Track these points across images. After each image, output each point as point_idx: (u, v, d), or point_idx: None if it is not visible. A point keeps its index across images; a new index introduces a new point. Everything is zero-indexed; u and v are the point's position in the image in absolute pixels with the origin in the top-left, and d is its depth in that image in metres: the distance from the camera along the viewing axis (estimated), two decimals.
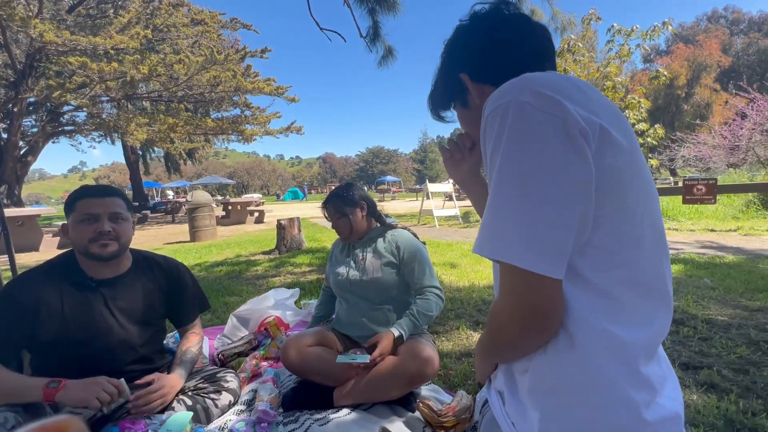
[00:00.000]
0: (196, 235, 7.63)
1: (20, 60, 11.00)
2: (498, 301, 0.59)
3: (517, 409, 0.61)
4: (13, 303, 1.18)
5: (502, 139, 0.55)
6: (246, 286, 3.52)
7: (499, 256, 0.53)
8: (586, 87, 0.60)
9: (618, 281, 0.55)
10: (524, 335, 0.56)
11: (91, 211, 1.24)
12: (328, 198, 1.71)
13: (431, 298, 1.58)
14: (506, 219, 0.53)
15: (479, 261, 4.17)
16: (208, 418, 1.41)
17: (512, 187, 0.53)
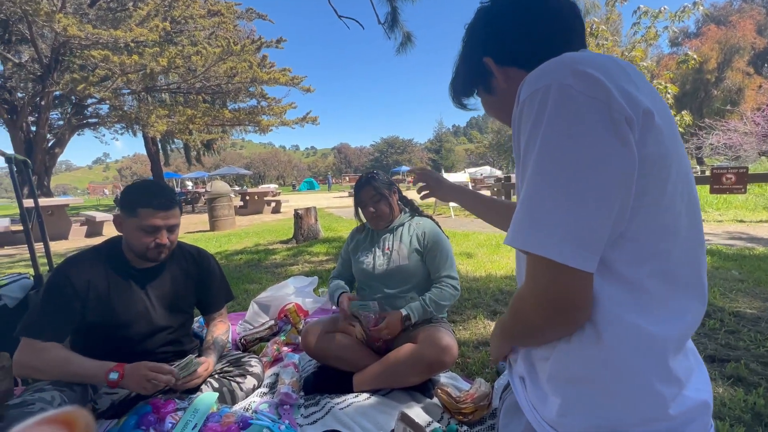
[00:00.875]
0: (216, 225, 7.80)
1: (46, 54, 11.34)
2: (524, 289, 0.57)
3: (537, 395, 0.61)
4: (68, 284, 1.24)
5: (541, 126, 0.52)
6: (265, 274, 3.60)
7: (534, 248, 0.51)
8: (629, 68, 0.57)
9: (650, 274, 0.53)
10: (549, 326, 0.55)
11: (153, 223, 1.28)
12: (366, 180, 1.70)
13: (446, 288, 1.59)
14: (542, 210, 0.51)
15: (496, 251, 4.14)
16: (233, 400, 1.46)
17: (551, 176, 0.51)
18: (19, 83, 12.76)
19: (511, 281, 2.96)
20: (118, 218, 1.35)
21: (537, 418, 0.60)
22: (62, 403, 1.08)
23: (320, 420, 1.38)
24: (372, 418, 1.36)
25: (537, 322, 0.56)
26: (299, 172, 77.48)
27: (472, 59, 0.74)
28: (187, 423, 1.20)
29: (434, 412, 1.39)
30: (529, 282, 0.55)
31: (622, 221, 0.52)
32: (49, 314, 1.21)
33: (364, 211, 1.70)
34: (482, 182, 19.40)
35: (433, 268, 1.64)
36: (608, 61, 0.55)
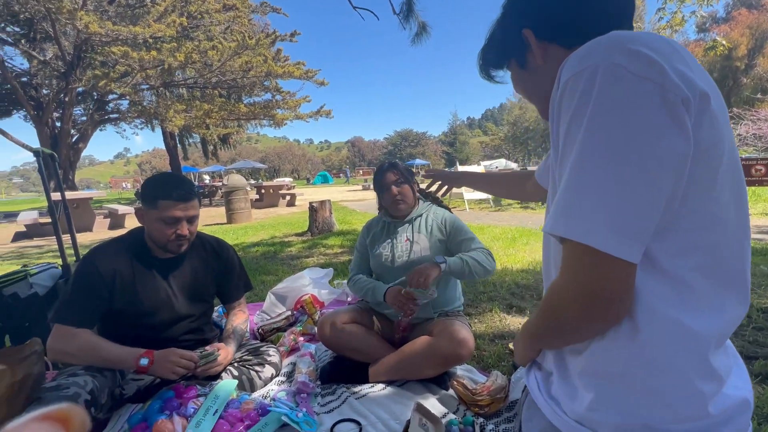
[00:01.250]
0: (233, 218, 7.94)
1: (69, 51, 11.65)
2: (559, 282, 0.53)
3: (566, 390, 0.59)
4: (96, 272, 1.28)
5: (587, 107, 0.48)
6: (281, 266, 3.65)
7: (575, 235, 0.48)
8: (682, 49, 0.53)
9: (694, 267, 0.51)
10: (586, 320, 0.52)
11: (173, 215, 1.32)
12: (390, 164, 1.70)
13: (481, 252, 1.57)
14: (586, 196, 0.48)
15: (512, 244, 4.09)
16: (252, 388, 1.50)
17: (597, 161, 0.47)
18: (44, 80, 13.18)
19: (528, 275, 2.92)
20: (139, 210, 1.38)
21: (558, 413, 0.58)
22: (94, 388, 1.12)
23: (336, 409, 1.41)
24: (387, 408, 1.38)
25: (572, 316, 0.52)
26: (313, 166, 77.99)
27: (509, 28, 0.69)
28: (209, 408, 1.24)
29: (450, 404, 1.39)
30: (566, 273, 0.52)
31: (670, 210, 0.49)
32: (79, 301, 1.26)
33: (386, 195, 1.67)
34: None
35: (463, 247, 1.62)
36: (660, 41, 0.51)
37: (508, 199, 9.61)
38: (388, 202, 1.69)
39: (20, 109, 13.84)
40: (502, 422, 1.27)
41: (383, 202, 1.72)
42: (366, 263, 1.80)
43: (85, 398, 1.09)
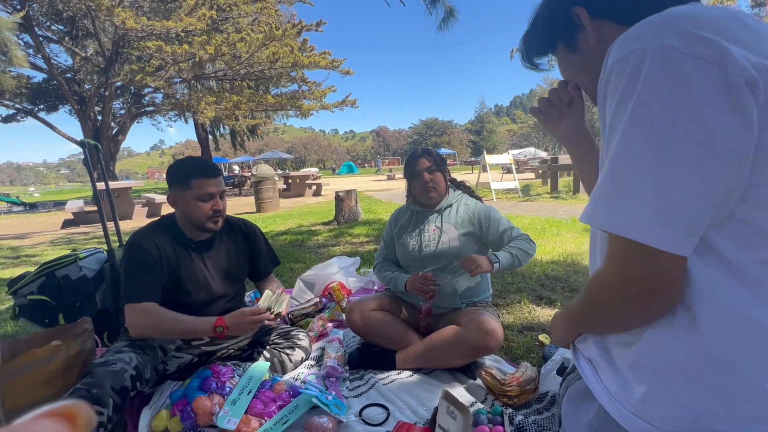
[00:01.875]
0: (261, 207, 8.15)
1: (108, 47, 12.16)
2: (603, 272, 0.52)
3: (615, 380, 0.56)
4: (145, 253, 1.35)
5: (633, 91, 0.45)
6: (309, 254, 3.73)
7: (618, 228, 0.46)
8: (753, 21, 0.48)
9: (759, 260, 0.47)
10: (629, 312, 0.50)
11: (208, 191, 1.38)
12: (423, 151, 1.68)
13: (524, 240, 1.56)
14: (630, 185, 0.45)
15: (541, 235, 3.98)
16: (283, 370, 1.55)
17: (641, 151, 0.44)
18: (86, 75, 13.86)
19: (558, 266, 2.84)
20: (171, 196, 1.43)
21: (613, 402, 0.56)
22: (138, 364, 1.19)
23: (365, 393, 1.43)
24: (415, 395, 1.39)
25: (617, 308, 0.51)
26: (338, 156, 78.52)
27: (557, 9, 0.65)
28: (243, 388, 1.29)
29: (478, 393, 1.38)
30: (611, 264, 0.50)
31: (730, 201, 0.45)
32: (141, 281, 1.33)
33: (417, 182, 1.65)
34: (526, 164, 18.61)
35: (502, 238, 1.59)
36: (725, 16, 0.47)
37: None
38: (418, 190, 1.66)
39: (65, 104, 14.65)
40: (531, 413, 1.25)
41: (413, 190, 1.70)
42: (392, 252, 1.80)
43: (131, 373, 1.16)
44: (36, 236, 6.74)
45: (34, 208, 14.36)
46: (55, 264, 1.83)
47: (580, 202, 6.84)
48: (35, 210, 13.52)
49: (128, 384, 1.13)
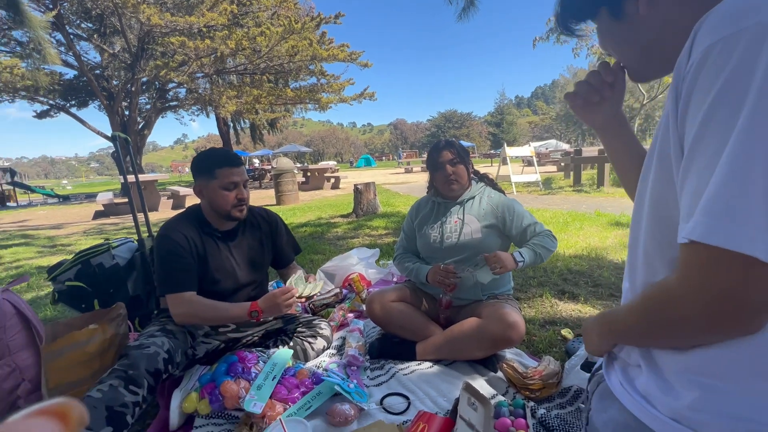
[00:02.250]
0: (281, 199, 8.28)
1: (134, 44, 12.52)
2: (678, 285, 0.45)
3: (657, 384, 0.53)
4: (176, 243, 1.40)
5: (749, 84, 0.38)
6: (328, 246, 3.77)
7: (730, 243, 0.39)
8: None
9: None
10: (713, 330, 0.44)
11: (233, 180, 1.41)
12: (446, 142, 1.66)
13: (547, 236, 1.55)
14: (753, 197, 0.38)
15: (564, 229, 3.89)
16: (305, 358, 1.59)
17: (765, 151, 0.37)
18: (113, 72, 14.34)
19: (581, 261, 2.78)
20: (197, 187, 1.47)
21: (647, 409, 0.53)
22: (170, 347, 1.24)
23: (385, 383, 1.45)
24: (435, 386, 1.40)
25: (696, 326, 0.45)
26: (356, 149, 78.69)
27: None
28: (268, 374, 1.33)
29: (499, 386, 1.38)
30: (694, 277, 0.43)
31: None
32: (177, 271, 1.38)
33: (439, 174, 1.63)
34: (547, 157, 18.15)
35: (526, 234, 1.58)
36: None
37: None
38: (440, 182, 1.65)
39: (95, 100, 15.21)
40: (554, 407, 1.24)
41: (435, 182, 1.68)
42: (412, 244, 1.79)
43: (163, 356, 1.21)
44: (70, 226, 7.07)
45: (68, 200, 15.04)
46: (90, 252, 1.91)
47: (603, 195, 6.64)
48: (68, 202, 14.16)
49: (161, 367, 1.18)
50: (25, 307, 1.58)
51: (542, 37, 9.85)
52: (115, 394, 1.05)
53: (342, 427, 1.19)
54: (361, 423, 1.22)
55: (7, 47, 12.16)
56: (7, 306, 1.50)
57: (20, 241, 5.76)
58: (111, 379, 1.08)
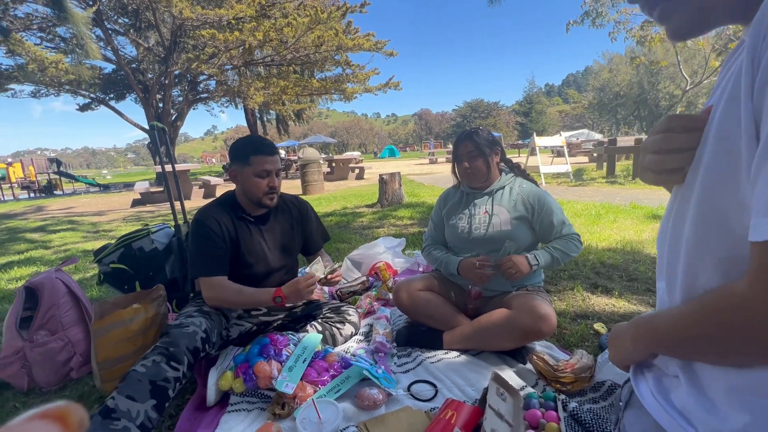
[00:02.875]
0: (307, 189, 8.41)
1: (167, 38, 12.92)
2: (751, 288, 0.39)
3: (699, 401, 0.49)
4: (209, 229, 1.45)
5: None
6: (354, 235, 3.81)
7: None
8: None
9: None
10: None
11: (265, 168, 1.45)
12: (466, 134, 1.61)
13: (571, 240, 1.52)
14: None
15: (596, 221, 3.75)
16: (334, 343, 1.62)
17: None
18: (148, 65, 14.88)
19: (615, 254, 2.67)
20: (233, 171, 1.51)
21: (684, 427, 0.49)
22: (207, 327, 1.30)
23: (412, 370, 1.46)
24: (463, 375, 1.39)
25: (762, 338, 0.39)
26: (380, 140, 78.51)
27: None
28: (299, 357, 1.37)
29: (528, 378, 1.36)
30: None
31: None
32: (209, 256, 1.43)
33: (458, 167, 1.63)
34: (578, 147, 17.45)
35: (552, 231, 1.55)
36: None
37: (594, 174, 8.76)
38: (460, 174, 1.65)
39: (131, 93, 15.88)
40: (586, 402, 1.21)
41: (457, 173, 1.68)
42: (440, 234, 1.78)
43: (201, 336, 1.27)
44: (110, 213, 7.47)
45: (108, 188, 15.88)
46: (131, 237, 2.02)
47: (639, 187, 6.33)
48: (108, 190, 14.96)
49: (199, 345, 1.24)
50: (75, 287, 1.70)
51: (576, 21, 9.39)
52: (157, 369, 1.11)
53: (370, 411, 1.21)
54: (389, 408, 1.23)
55: (52, 43, 12.86)
56: (59, 285, 1.61)
57: (67, 226, 6.15)
58: (154, 355, 1.14)
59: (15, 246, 4.72)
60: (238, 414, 1.25)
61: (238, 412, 1.26)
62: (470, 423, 1.08)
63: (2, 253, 4.33)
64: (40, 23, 11.92)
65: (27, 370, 1.48)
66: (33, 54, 10.34)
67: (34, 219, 7.39)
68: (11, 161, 16.63)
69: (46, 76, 11.13)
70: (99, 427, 0.95)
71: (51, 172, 15.45)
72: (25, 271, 3.39)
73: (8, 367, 1.48)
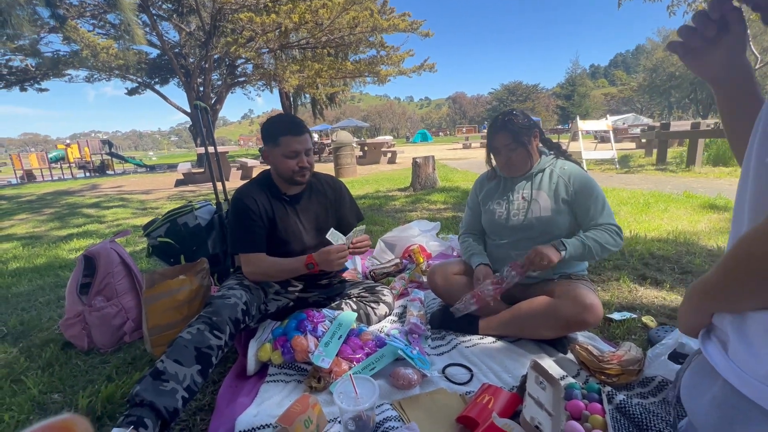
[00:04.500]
0: (340, 172, 8.47)
1: (207, 22, 13.23)
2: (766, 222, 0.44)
3: (743, 347, 0.51)
4: (247, 208, 1.49)
5: None
6: (387, 218, 3.80)
7: None
8: None
9: None
10: None
11: (294, 149, 1.46)
12: (501, 124, 1.50)
13: (608, 231, 1.39)
14: None
15: (644, 210, 3.51)
16: (368, 322, 1.63)
17: None
18: (190, 50, 15.39)
19: (666, 245, 2.49)
20: (265, 152, 1.53)
21: (742, 375, 0.51)
22: (247, 300, 1.34)
23: (446, 353, 1.44)
24: (499, 361, 1.36)
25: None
26: (413, 124, 77.48)
27: None
28: (334, 333, 1.38)
29: (569, 368, 1.30)
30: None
31: None
32: (248, 233, 1.48)
33: (496, 158, 1.54)
34: (625, 132, 16.35)
35: (587, 217, 1.44)
36: None
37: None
38: (498, 165, 1.56)
39: (174, 77, 16.51)
40: (634, 396, 1.15)
41: (494, 164, 1.59)
42: (477, 220, 1.71)
43: (242, 308, 1.31)
44: (156, 192, 7.91)
45: (153, 169, 16.80)
46: (176, 212, 2.11)
47: (694, 175, 5.86)
48: (154, 171, 15.82)
49: (240, 316, 1.28)
50: (127, 257, 1.80)
51: None
52: (202, 337, 1.16)
53: (405, 390, 1.21)
54: (424, 389, 1.23)
55: (103, 30, 13.55)
56: (114, 255, 1.71)
57: (118, 203, 6.58)
58: (198, 323, 1.19)
59: (74, 220, 5.12)
60: (276, 384, 1.29)
61: (276, 383, 1.30)
62: (508, 409, 1.06)
63: (63, 226, 4.72)
64: (93, 10, 12.57)
65: (87, 332, 1.61)
66: (87, 40, 10.95)
67: (90, 196, 7.96)
68: (69, 143, 17.93)
69: (99, 61, 11.78)
70: (149, 387, 1.01)
71: (103, 153, 16.53)
72: (83, 243, 3.67)
73: (71, 328, 1.61)
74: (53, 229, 4.56)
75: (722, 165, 6.54)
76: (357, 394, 1.02)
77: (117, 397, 1.28)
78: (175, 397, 1.02)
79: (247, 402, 1.21)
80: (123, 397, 1.27)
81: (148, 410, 0.96)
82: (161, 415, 0.97)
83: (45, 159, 14.64)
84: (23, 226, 4.95)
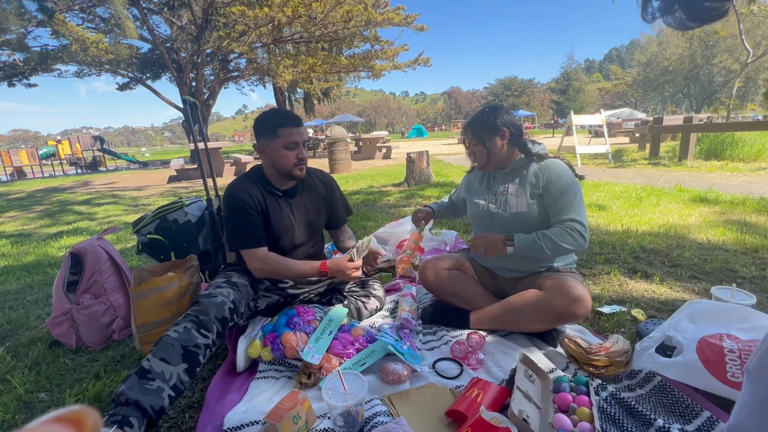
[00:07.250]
0: (334, 168, 8.43)
1: (199, 16, 13.04)
2: None
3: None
4: (242, 202, 1.46)
5: None
6: (380, 213, 3.79)
7: None
8: None
9: None
10: None
11: (294, 140, 1.45)
12: (468, 123, 1.59)
13: (569, 230, 1.36)
14: None
15: (636, 204, 3.54)
16: (359, 317, 1.63)
17: None
18: (181, 44, 15.15)
19: (657, 239, 2.51)
20: (260, 146, 1.49)
21: None
22: (235, 298, 1.32)
23: (437, 348, 1.44)
24: (490, 355, 1.37)
25: None
26: (408, 119, 77.26)
27: None
28: (325, 329, 1.38)
29: (558, 361, 1.31)
30: None
31: None
32: (246, 227, 1.46)
33: (467, 152, 1.62)
34: (619, 127, 16.40)
35: (554, 210, 1.42)
36: None
37: (635, 155, 8.26)
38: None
39: (166, 72, 16.29)
40: (622, 389, 1.15)
41: None
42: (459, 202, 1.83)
43: (229, 306, 1.29)
44: (149, 189, 7.83)
45: (146, 165, 16.62)
46: (166, 209, 2.09)
47: (686, 169, 5.90)
48: (147, 167, 15.65)
49: (227, 315, 1.27)
50: (115, 254, 1.78)
51: None
52: (189, 336, 1.14)
53: (395, 385, 1.21)
54: (414, 384, 1.23)
55: (92, 24, 13.31)
56: (101, 252, 1.69)
57: (110, 200, 6.51)
58: (185, 322, 1.18)
59: (64, 217, 5.06)
60: (266, 381, 1.29)
61: (266, 379, 1.30)
62: (497, 403, 1.06)
63: (53, 224, 4.66)
64: (81, 3, 12.33)
65: (75, 330, 1.59)
66: (75, 34, 10.76)
67: (81, 193, 7.87)
68: (60, 139, 17.68)
69: (88, 56, 11.58)
70: (135, 385, 1.00)
71: (95, 150, 16.31)
72: (73, 240, 3.63)
73: (58, 326, 1.59)
74: (43, 227, 4.50)
75: (714, 159, 6.60)
76: (345, 389, 1.01)
77: (105, 395, 1.27)
78: (161, 396, 1.01)
79: (236, 399, 1.20)
80: (111, 396, 1.26)
81: (134, 409, 0.96)
82: (147, 413, 0.96)
83: (35, 155, 14.43)
84: (12, 223, 4.88)
